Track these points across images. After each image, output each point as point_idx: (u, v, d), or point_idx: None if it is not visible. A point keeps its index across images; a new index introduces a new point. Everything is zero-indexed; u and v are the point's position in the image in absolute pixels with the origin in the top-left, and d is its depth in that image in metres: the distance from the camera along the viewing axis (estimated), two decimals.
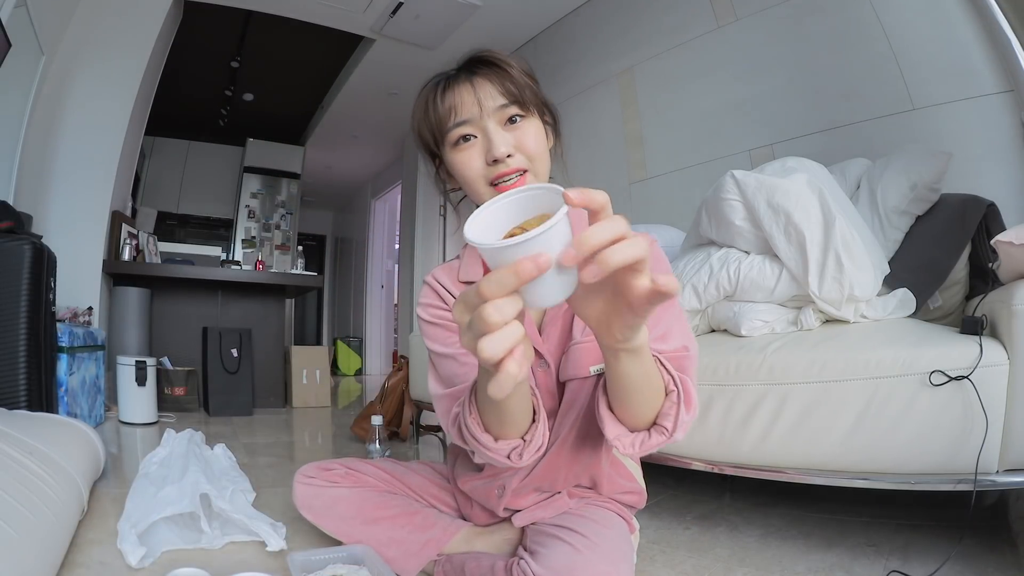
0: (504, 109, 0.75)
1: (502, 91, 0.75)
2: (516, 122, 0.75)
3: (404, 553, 0.90)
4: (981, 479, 0.92)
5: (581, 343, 0.78)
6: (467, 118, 0.75)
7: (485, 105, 0.74)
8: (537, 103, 0.78)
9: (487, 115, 0.74)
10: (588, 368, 0.77)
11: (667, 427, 0.63)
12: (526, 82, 0.76)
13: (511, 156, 0.74)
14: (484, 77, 0.75)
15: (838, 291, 1.19)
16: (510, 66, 0.76)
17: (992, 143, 1.73)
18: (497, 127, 0.75)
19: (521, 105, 0.75)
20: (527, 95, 0.76)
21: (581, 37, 3.43)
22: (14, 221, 1.87)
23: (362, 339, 6.94)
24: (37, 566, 0.76)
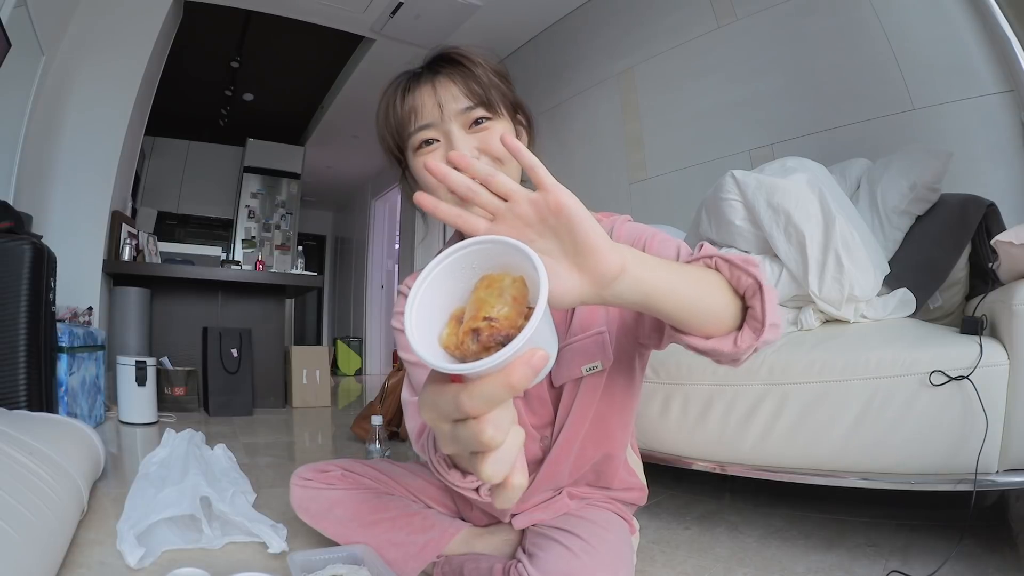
0: (468, 112, 0.70)
1: (466, 92, 0.70)
2: (482, 124, 0.70)
3: (403, 555, 0.90)
4: (981, 479, 0.92)
5: (569, 344, 0.76)
6: (429, 121, 0.70)
7: (447, 107, 0.69)
8: (507, 103, 0.74)
9: (449, 118, 0.69)
10: (580, 368, 0.76)
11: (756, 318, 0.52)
12: (493, 81, 0.71)
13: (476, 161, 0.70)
14: (447, 77, 0.71)
15: (838, 291, 1.19)
16: (475, 64, 0.71)
17: (992, 143, 1.73)
18: (461, 130, 0.70)
19: (487, 106, 0.70)
20: (494, 95, 0.71)
21: (581, 37, 3.43)
22: (14, 221, 1.87)
23: (362, 339, 6.94)
24: (37, 566, 0.76)
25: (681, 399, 1.26)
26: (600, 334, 0.76)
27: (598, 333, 0.76)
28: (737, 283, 0.54)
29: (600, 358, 0.76)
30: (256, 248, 5.74)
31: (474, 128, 0.70)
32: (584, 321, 0.77)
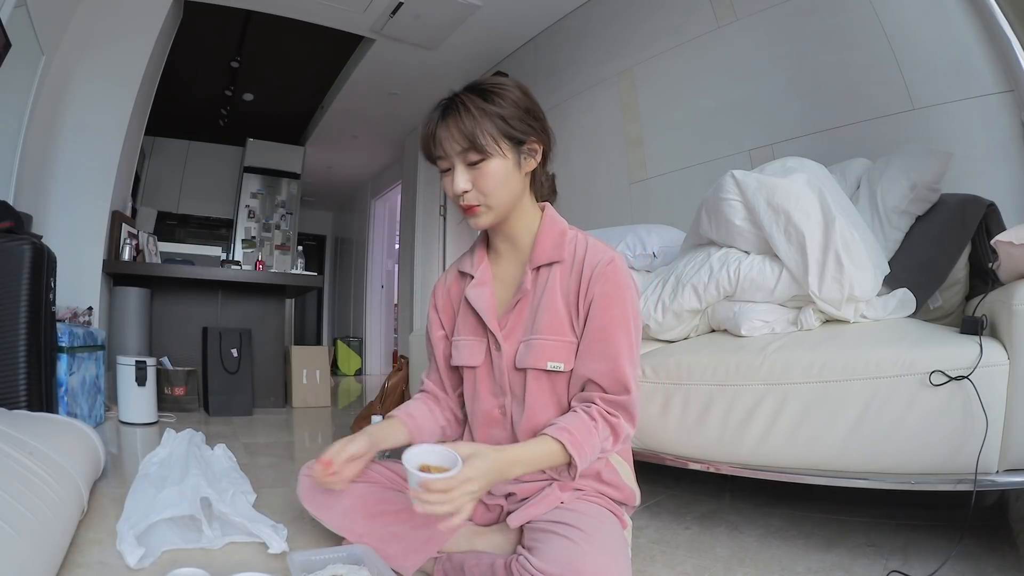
0: (464, 153, 0.87)
1: (462, 137, 0.86)
2: (476, 164, 0.87)
3: (405, 549, 0.91)
4: (981, 479, 0.92)
5: (543, 338, 0.90)
6: (441, 154, 0.89)
7: (449, 148, 0.88)
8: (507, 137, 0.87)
9: (452, 155, 0.88)
10: (546, 363, 0.90)
11: (570, 475, 0.84)
12: (490, 125, 0.86)
13: (467, 192, 0.88)
14: (452, 120, 0.86)
15: (838, 291, 1.19)
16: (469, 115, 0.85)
17: (992, 143, 1.73)
18: (461, 167, 0.88)
19: (478, 150, 0.86)
20: (484, 140, 0.85)
21: (581, 37, 3.43)
22: (14, 221, 1.87)
23: (362, 339, 6.94)
24: (37, 566, 0.76)
25: (681, 399, 1.26)
26: (570, 342, 0.90)
27: (569, 341, 0.90)
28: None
29: (564, 360, 0.90)
30: (256, 248, 5.74)
31: (471, 167, 0.87)
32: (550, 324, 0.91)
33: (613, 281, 0.89)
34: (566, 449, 0.80)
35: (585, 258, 0.92)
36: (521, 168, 0.91)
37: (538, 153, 0.94)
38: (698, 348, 1.35)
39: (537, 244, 0.95)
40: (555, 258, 0.93)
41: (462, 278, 1.04)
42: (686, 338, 1.51)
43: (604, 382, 0.87)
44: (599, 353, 0.88)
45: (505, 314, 0.95)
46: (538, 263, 0.94)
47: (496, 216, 0.92)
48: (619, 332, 0.88)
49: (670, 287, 1.49)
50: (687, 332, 1.51)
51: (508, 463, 0.77)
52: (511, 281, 0.98)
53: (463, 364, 0.99)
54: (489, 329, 0.95)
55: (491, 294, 0.98)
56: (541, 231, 0.96)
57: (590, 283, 0.89)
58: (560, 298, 0.92)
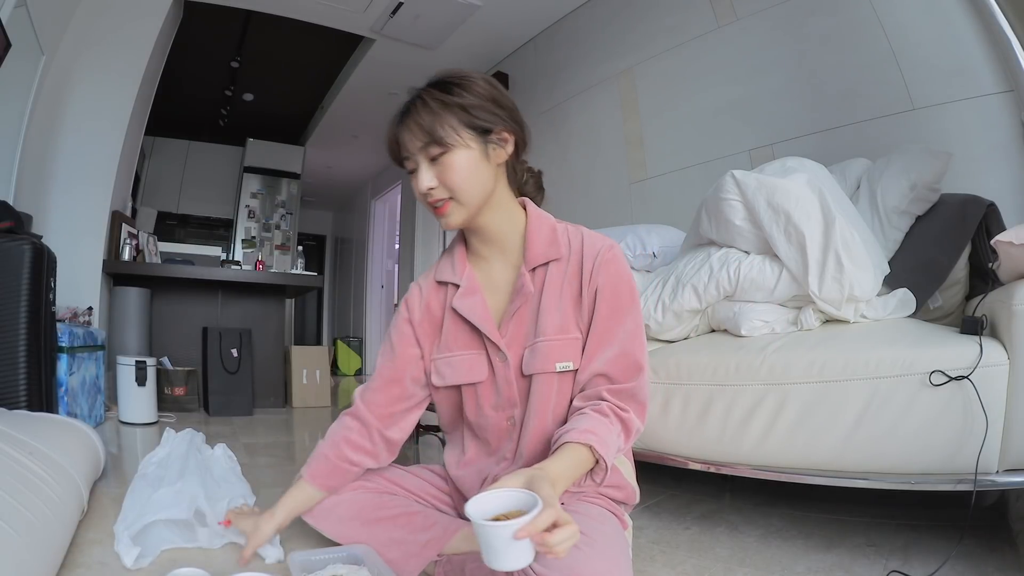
0: (426, 148, 0.84)
1: (421, 132, 0.83)
2: (438, 159, 0.84)
3: (405, 554, 0.90)
4: (981, 479, 0.92)
5: (548, 340, 0.86)
6: (406, 155, 0.87)
7: (411, 146, 0.85)
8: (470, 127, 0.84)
9: (415, 153, 0.85)
10: (554, 364, 0.86)
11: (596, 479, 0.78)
12: (449, 116, 0.83)
13: (433, 188, 0.85)
14: (411, 119, 0.85)
15: (838, 291, 1.19)
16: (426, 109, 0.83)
17: (992, 143, 1.73)
18: (425, 163, 0.85)
19: (438, 143, 0.83)
20: (445, 131, 0.82)
21: (581, 37, 3.43)
22: (14, 221, 1.87)
23: (362, 339, 6.94)
24: (37, 566, 0.76)
25: (681, 399, 1.26)
26: (576, 339, 0.87)
27: (575, 338, 0.87)
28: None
29: (573, 358, 0.87)
30: (256, 248, 5.74)
31: (435, 162, 0.84)
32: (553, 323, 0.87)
33: (615, 267, 0.87)
34: (594, 452, 0.75)
35: (584, 249, 0.89)
36: (490, 159, 0.86)
37: (508, 143, 0.88)
38: (698, 348, 1.35)
39: (529, 243, 0.90)
40: (553, 256, 0.89)
41: (442, 288, 0.96)
42: (686, 338, 1.51)
43: (614, 370, 0.84)
44: (609, 340, 0.85)
45: (504, 322, 0.90)
46: (534, 263, 0.89)
47: (467, 213, 0.86)
48: (626, 316, 0.86)
49: (670, 287, 1.49)
50: (687, 332, 1.51)
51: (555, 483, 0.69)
52: (502, 285, 0.93)
53: (461, 382, 0.92)
54: (488, 340, 0.90)
55: (483, 302, 0.92)
56: (530, 229, 0.91)
57: (593, 273, 0.87)
58: (561, 295, 0.88)
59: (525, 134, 0.91)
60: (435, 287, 0.97)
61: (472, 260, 0.96)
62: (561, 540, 0.59)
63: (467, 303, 0.91)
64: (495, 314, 0.92)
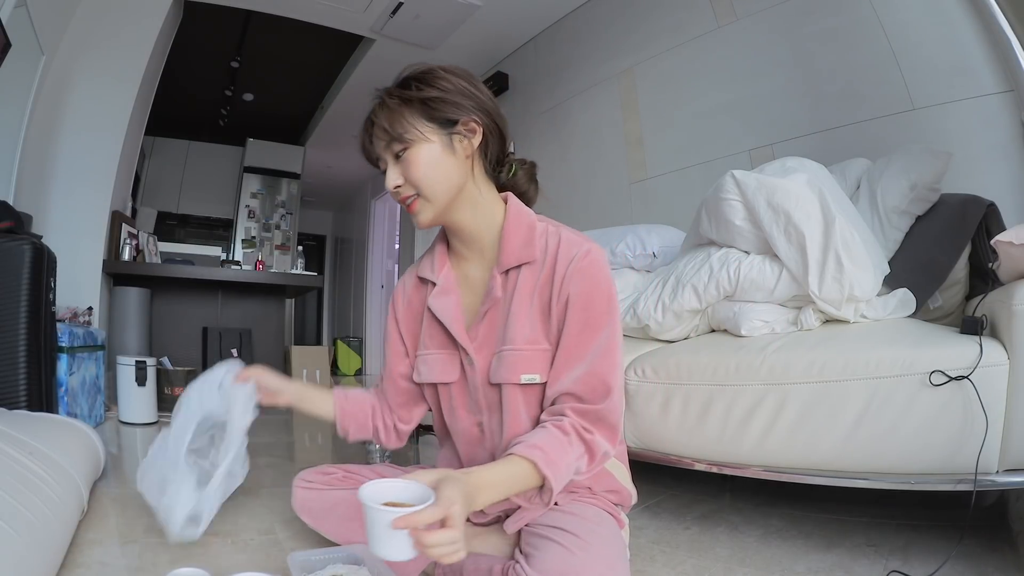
0: (389, 146, 0.84)
1: (382, 131, 0.84)
2: (401, 155, 0.84)
3: None
4: (981, 479, 0.92)
5: (515, 350, 0.83)
6: (376, 155, 0.88)
7: (377, 146, 0.86)
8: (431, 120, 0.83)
9: (382, 153, 0.86)
10: (519, 376, 0.82)
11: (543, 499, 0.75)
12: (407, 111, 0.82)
13: (400, 186, 0.84)
14: (374, 120, 0.85)
15: (838, 291, 1.19)
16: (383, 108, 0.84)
17: (992, 143, 1.73)
18: (391, 162, 0.85)
19: (398, 139, 0.82)
20: (403, 127, 0.82)
21: (581, 37, 3.43)
22: (14, 221, 1.87)
23: (362, 339, 6.94)
24: (37, 566, 0.76)
25: (681, 399, 1.26)
26: (545, 350, 0.83)
27: (544, 349, 0.83)
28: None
29: (540, 371, 0.83)
30: (256, 248, 5.74)
31: (398, 159, 0.84)
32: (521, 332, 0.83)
33: (590, 276, 0.81)
34: (538, 469, 0.70)
35: (559, 253, 0.83)
36: (456, 151, 0.83)
37: (476, 133, 0.84)
38: (698, 348, 1.35)
39: (504, 243, 0.86)
40: (525, 258, 0.84)
41: (423, 285, 0.95)
42: (686, 338, 1.51)
43: (581, 390, 0.79)
44: (577, 358, 0.80)
45: (475, 324, 0.87)
46: (507, 265, 0.85)
47: (436, 209, 0.84)
48: (599, 332, 0.80)
49: (670, 287, 1.49)
50: (687, 332, 1.51)
51: (475, 489, 0.66)
52: (478, 286, 0.90)
53: (435, 381, 0.91)
54: (459, 343, 0.88)
55: (457, 303, 0.90)
56: (507, 228, 0.86)
57: (564, 281, 0.81)
58: (532, 302, 0.84)
59: (498, 123, 0.87)
60: (417, 284, 0.97)
61: (452, 258, 0.94)
62: (437, 542, 0.57)
63: (440, 303, 0.90)
64: (469, 315, 0.90)
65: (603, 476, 0.92)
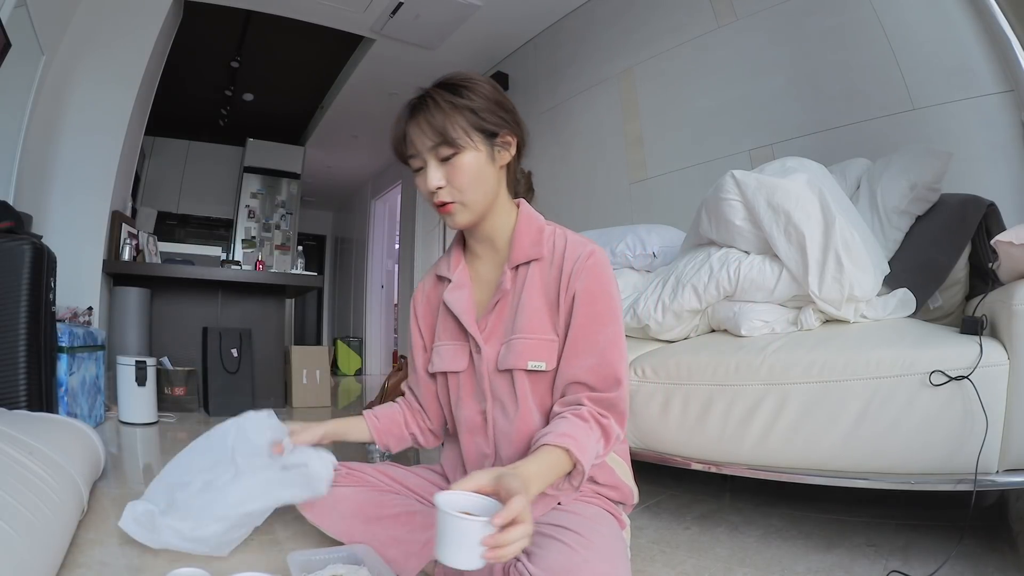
0: (436, 148, 0.85)
1: (433, 132, 0.85)
2: (448, 159, 0.85)
3: (404, 553, 0.90)
4: (981, 479, 0.92)
5: (523, 338, 0.88)
6: (412, 153, 0.88)
7: (420, 145, 0.86)
8: (479, 130, 0.86)
9: (424, 152, 0.87)
10: (526, 362, 0.87)
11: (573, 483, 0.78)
12: (460, 118, 0.85)
13: (441, 188, 0.87)
14: (422, 117, 0.86)
15: (838, 291, 1.19)
16: (438, 109, 0.85)
17: (992, 143, 1.73)
18: (434, 162, 0.86)
19: (450, 144, 0.84)
20: (455, 132, 0.84)
21: (581, 37, 3.43)
22: (14, 221, 1.87)
23: (362, 339, 6.94)
24: (37, 566, 0.76)
25: (681, 399, 1.26)
26: (552, 341, 0.88)
27: (550, 339, 0.88)
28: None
29: (546, 359, 0.87)
30: (256, 248, 5.74)
31: (445, 162, 0.86)
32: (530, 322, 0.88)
33: (595, 275, 0.87)
34: (571, 455, 0.75)
35: (565, 253, 0.90)
36: (495, 161, 0.89)
37: (512, 146, 0.91)
38: (698, 348, 1.35)
39: (515, 242, 0.93)
40: (534, 255, 0.91)
41: (440, 283, 1.01)
42: (686, 338, 1.51)
43: (593, 379, 0.84)
44: (586, 350, 0.85)
45: (484, 316, 0.94)
46: (516, 261, 0.92)
47: (471, 213, 0.89)
48: (606, 326, 0.86)
49: (670, 287, 1.49)
50: (687, 332, 1.51)
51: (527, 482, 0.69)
52: (490, 282, 0.96)
53: (445, 370, 0.97)
54: (469, 332, 0.93)
55: (469, 296, 0.96)
56: (518, 229, 0.93)
57: (571, 278, 0.87)
58: (540, 296, 0.90)
59: (526, 140, 0.93)
60: (435, 282, 1.03)
61: (467, 257, 1.00)
62: (515, 538, 0.60)
63: (454, 296, 0.96)
64: (479, 308, 0.96)
65: (604, 468, 0.94)
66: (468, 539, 0.60)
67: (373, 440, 1.04)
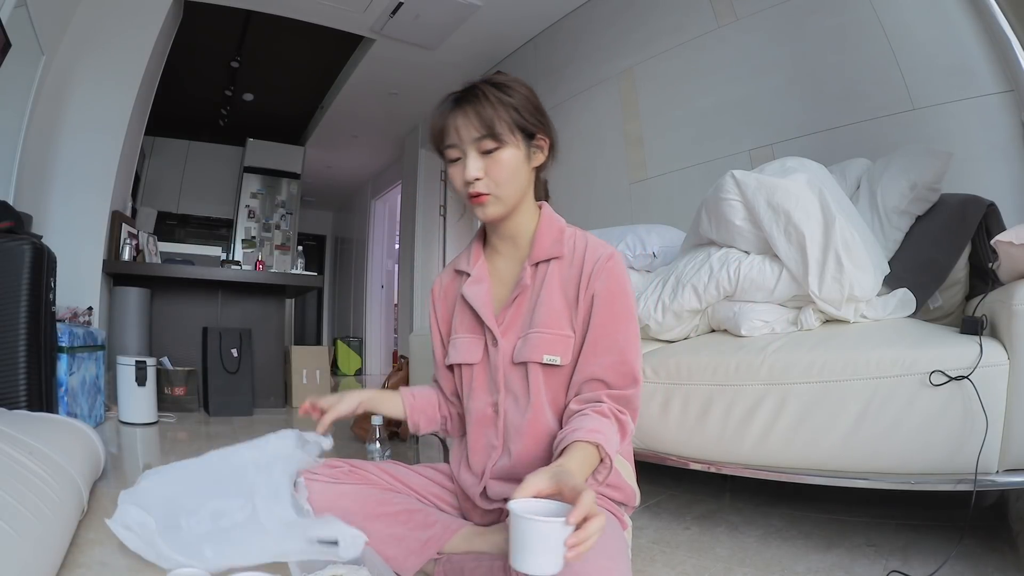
0: (480, 140, 0.87)
1: (479, 123, 0.86)
2: (490, 152, 0.87)
3: (404, 551, 0.91)
4: (981, 479, 0.92)
5: (540, 332, 0.90)
6: (453, 143, 0.89)
7: (464, 135, 0.87)
8: (520, 131, 0.89)
9: (466, 143, 0.88)
10: (542, 355, 0.89)
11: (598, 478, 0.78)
12: (505, 114, 0.87)
13: (479, 179, 0.88)
14: (471, 107, 0.87)
15: (838, 291, 1.19)
16: (488, 100, 0.86)
17: (992, 143, 1.73)
18: (475, 154, 0.88)
19: (494, 137, 0.86)
20: (501, 127, 0.86)
21: (581, 37, 3.43)
22: (14, 221, 1.87)
23: (362, 339, 6.94)
24: (37, 566, 0.76)
25: (681, 399, 1.26)
26: (568, 337, 0.89)
27: (567, 335, 0.89)
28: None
29: (561, 354, 0.89)
30: (256, 248, 5.74)
31: (485, 154, 0.87)
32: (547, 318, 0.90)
33: (615, 276, 0.90)
34: (600, 451, 0.77)
35: (586, 253, 0.92)
36: (530, 161, 0.92)
37: (545, 149, 0.95)
38: (698, 348, 1.35)
39: (536, 240, 0.95)
40: (555, 254, 0.93)
41: (459, 276, 1.04)
42: (686, 338, 1.51)
43: (612, 376, 0.86)
44: (606, 348, 0.87)
45: (503, 310, 0.95)
46: (537, 259, 0.94)
47: (503, 208, 0.91)
48: (624, 325, 0.88)
49: (670, 287, 1.49)
50: (687, 332, 1.51)
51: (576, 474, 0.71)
52: (508, 278, 0.98)
53: (460, 361, 0.99)
54: (486, 325, 0.95)
55: (488, 290, 0.98)
56: (540, 228, 0.96)
57: (591, 278, 0.89)
58: (559, 293, 0.91)
59: (556, 143, 0.97)
60: (453, 276, 1.05)
61: (487, 253, 1.02)
62: (592, 533, 0.60)
63: (473, 290, 0.98)
64: (497, 303, 0.97)
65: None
66: (551, 542, 0.59)
67: (405, 417, 1.04)
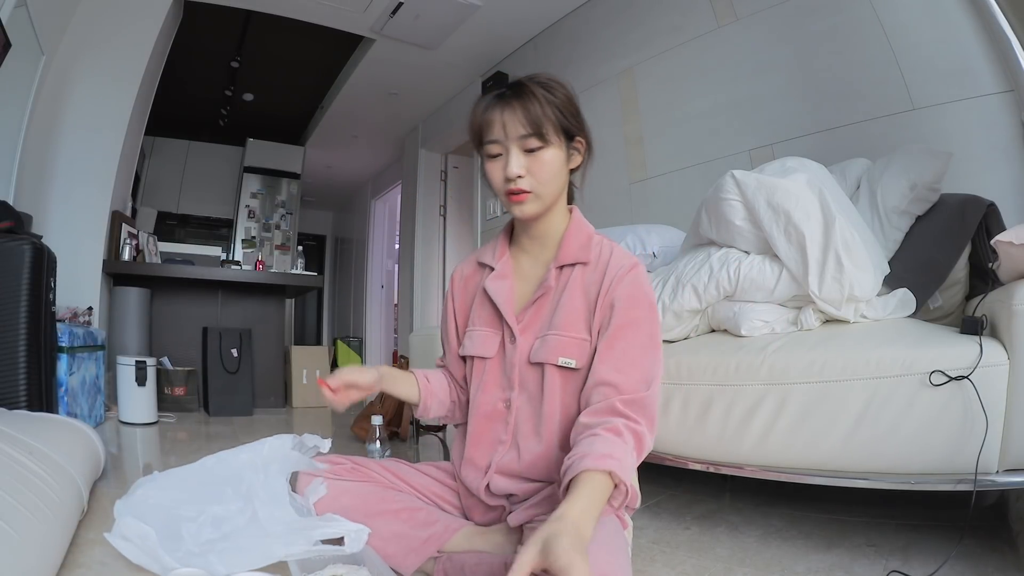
0: (525, 138, 0.87)
1: (525, 121, 0.86)
2: (534, 151, 0.87)
3: (405, 549, 0.91)
4: (981, 479, 0.92)
5: (557, 334, 0.90)
6: (496, 138, 0.88)
7: (510, 131, 0.87)
8: (563, 132, 0.89)
9: (510, 139, 0.87)
10: (557, 358, 0.89)
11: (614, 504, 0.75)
12: (548, 115, 0.87)
13: (521, 177, 0.87)
14: (519, 104, 0.87)
15: (838, 291, 1.19)
16: (536, 99, 0.87)
17: (992, 143, 1.73)
18: (518, 151, 0.87)
19: (540, 136, 0.86)
20: (547, 127, 0.87)
21: (581, 37, 3.43)
22: (14, 221, 1.87)
23: (362, 339, 6.94)
24: (37, 566, 0.76)
25: (681, 399, 1.26)
26: (584, 340, 0.89)
27: (584, 339, 0.89)
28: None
29: (577, 357, 0.89)
30: (256, 248, 5.74)
31: (528, 153, 0.87)
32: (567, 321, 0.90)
33: (637, 284, 0.89)
34: (614, 477, 0.73)
35: (610, 261, 0.92)
36: (568, 163, 0.93)
37: (581, 151, 0.95)
38: (698, 348, 1.35)
39: (564, 243, 0.95)
40: (581, 258, 0.93)
41: (481, 269, 1.04)
42: (686, 338, 1.51)
43: (622, 379, 0.83)
44: (621, 350, 0.85)
45: (524, 309, 0.95)
46: (563, 262, 0.94)
47: (541, 206, 0.91)
48: (640, 328, 0.87)
49: (670, 287, 1.49)
50: (687, 332, 1.51)
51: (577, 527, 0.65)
52: (532, 278, 0.98)
53: (475, 354, 0.98)
54: (506, 322, 0.95)
55: (511, 287, 0.98)
56: (569, 232, 0.97)
57: (612, 285, 0.89)
58: (580, 297, 0.91)
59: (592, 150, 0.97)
60: (475, 267, 1.05)
61: (512, 250, 1.02)
62: None
63: (496, 285, 0.98)
64: (518, 301, 0.97)
65: None
66: None
67: (418, 400, 1.03)
